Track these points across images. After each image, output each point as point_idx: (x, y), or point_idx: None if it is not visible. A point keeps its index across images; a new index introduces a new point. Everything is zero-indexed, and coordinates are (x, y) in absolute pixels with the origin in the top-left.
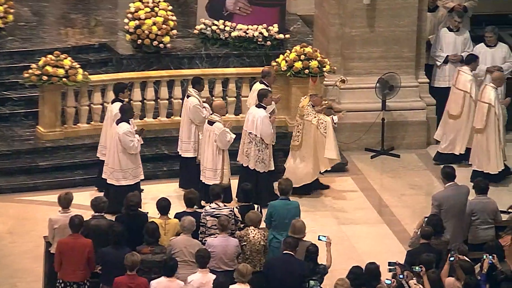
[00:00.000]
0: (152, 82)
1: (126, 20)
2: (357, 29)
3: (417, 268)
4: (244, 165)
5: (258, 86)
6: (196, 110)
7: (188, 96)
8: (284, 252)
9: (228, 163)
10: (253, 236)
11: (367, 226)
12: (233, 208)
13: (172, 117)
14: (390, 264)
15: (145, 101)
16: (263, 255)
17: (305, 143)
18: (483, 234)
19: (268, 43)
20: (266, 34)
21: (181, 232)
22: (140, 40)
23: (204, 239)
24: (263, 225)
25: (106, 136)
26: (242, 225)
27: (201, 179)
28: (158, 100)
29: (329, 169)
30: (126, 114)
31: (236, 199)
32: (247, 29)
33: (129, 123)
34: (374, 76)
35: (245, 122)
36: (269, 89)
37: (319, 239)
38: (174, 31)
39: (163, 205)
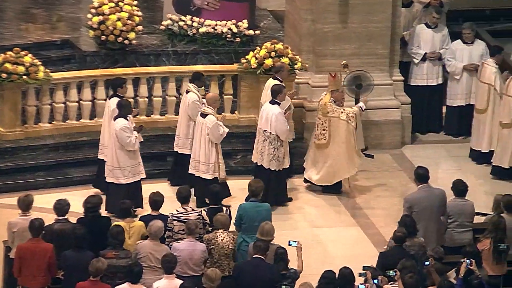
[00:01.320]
0: None
1: (89, 16)
2: (330, 25)
3: (391, 272)
4: (258, 163)
5: (271, 82)
6: (195, 106)
7: (187, 92)
8: (254, 256)
9: (222, 156)
10: (221, 240)
11: (340, 229)
12: (201, 211)
13: (138, 116)
14: (364, 268)
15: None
16: (232, 259)
17: (335, 140)
18: (459, 237)
19: (238, 39)
20: (235, 30)
21: (147, 235)
22: (104, 36)
23: (170, 244)
24: (233, 227)
25: (105, 133)
26: (210, 228)
27: (192, 172)
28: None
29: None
30: (123, 110)
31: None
32: (216, 25)
33: (126, 119)
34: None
35: (259, 120)
36: (283, 84)
37: (289, 245)
38: (140, 27)
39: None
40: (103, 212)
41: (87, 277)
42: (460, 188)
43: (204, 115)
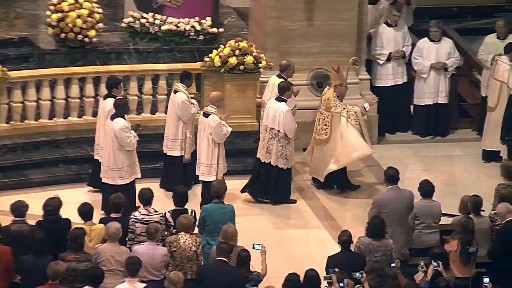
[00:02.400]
0: (77, 79)
1: (48, 13)
2: (295, 22)
3: (357, 274)
4: (265, 161)
5: (276, 79)
6: (185, 106)
7: (175, 92)
8: (218, 258)
9: (223, 157)
10: (183, 242)
11: (305, 230)
12: (165, 213)
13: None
14: (328, 272)
15: (69, 99)
16: (195, 262)
17: (335, 138)
18: (426, 239)
19: (201, 37)
20: (198, 27)
21: (107, 239)
22: (63, 34)
23: (132, 247)
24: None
25: (100, 134)
26: (174, 231)
27: (198, 173)
28: (83, 98)
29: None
30: (121, 109)
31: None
32: (178, 22)
33: (124, 119)
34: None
35: (264, 117)
36: (290, 81)
37: (253, 248)
38: (100, 25)
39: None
40: (99, 212)
41: (46, 283)
42: (426, 189)
43: (206, 115)
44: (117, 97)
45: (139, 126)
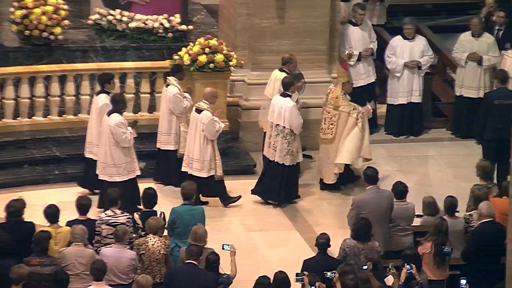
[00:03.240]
0: (42, 77)
1: (12, 9)
2: (267, 20)
3: (329, 274)
4: (270, 159)
5: (278, 74)
6: (176, 99)
7: (167, 85)
8: (187, 261)
9: (218, 153)
10: (152, 244)
11: (277, 232)
12: (133, 215)
13: (64, 115)
14: (298, 275)
15: (34, 98)
16: (164, 265)
17: (341, 136)
18: (400, 241)
19: (170, 35)
20: (167, 25)
21: (72, 241)
22: (28, 31)
23: (99, 249)
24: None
25: (93, 131)
26: (143, 233)
27: (185, 170)
28: (49, 97)
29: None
30: (118, 105)
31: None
32: (147, 19)
33: (121, 114)
34: None
35: (269, 114)
36: (295, 75)
37: (223, 249)
38: (66, 22)
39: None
40: (97, 210)
41: (9, 286)
42: (399, 190)
43: (199, 111)
44: (110, 93)
45: (136, 123)
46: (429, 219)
